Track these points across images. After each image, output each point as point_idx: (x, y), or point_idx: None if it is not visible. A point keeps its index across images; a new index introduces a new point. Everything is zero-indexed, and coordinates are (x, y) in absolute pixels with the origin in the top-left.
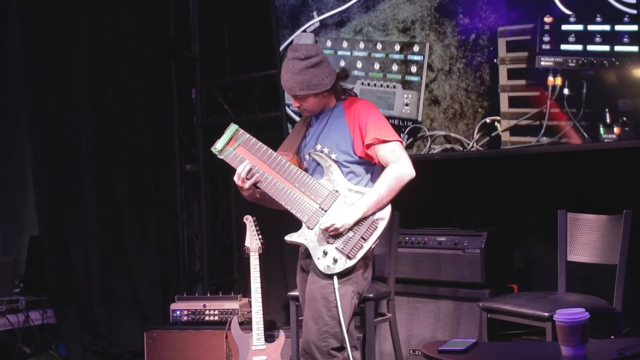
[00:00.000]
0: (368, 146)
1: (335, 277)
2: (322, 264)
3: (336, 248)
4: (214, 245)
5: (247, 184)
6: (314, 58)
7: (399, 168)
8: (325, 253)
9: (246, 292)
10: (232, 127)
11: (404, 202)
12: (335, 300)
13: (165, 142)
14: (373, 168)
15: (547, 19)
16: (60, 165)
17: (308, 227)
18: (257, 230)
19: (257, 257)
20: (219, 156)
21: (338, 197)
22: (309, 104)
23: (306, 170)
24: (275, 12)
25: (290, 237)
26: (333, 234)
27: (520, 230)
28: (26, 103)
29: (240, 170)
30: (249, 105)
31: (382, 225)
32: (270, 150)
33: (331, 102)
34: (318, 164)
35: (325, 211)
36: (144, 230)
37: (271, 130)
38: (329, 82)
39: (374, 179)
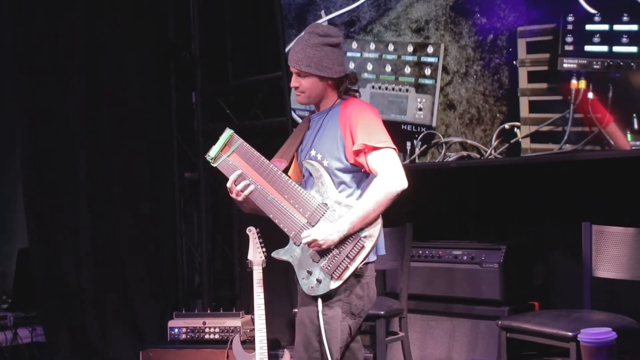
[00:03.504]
0: (357, 153)
1: (319, 300)
2: (306, 285)
3: (321, 268)
4: (215, 258)
5: (238, 196)
6: (333, 39)
7: (387, 179)
8: (309, 273)
9: (249, 309)
10: (227, 133)
11: (417, 213)
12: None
13: (163, 148)
14: (368, 179)
15: (570, 19)
16: (52, 173)
17: (295, 244)
18: (260, 243)
19: (261, 271)
20: (212, 164)
21: (326, 211)
22: (308, 86)
23: (303, 177)
24: (280, 12)
25: (277, 254)
26: (317, 251)
27: (541, 244)
28: (19, 105)
29: (230, 181)
30: (252, 110)
31: (369, 244)
32: (263, 158)
33: (330, 100)
34: (310, 173)
35: (313, 226)
36: (140, 241)
37: (276, 137)
38: (338, 72)
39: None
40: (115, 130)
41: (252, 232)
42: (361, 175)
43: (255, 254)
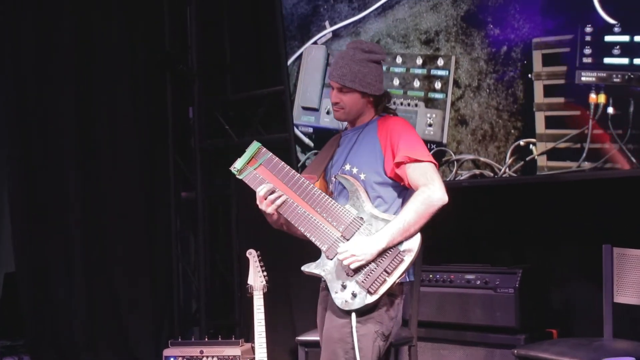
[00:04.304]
0: (398, 165)
1: (353, 314)
2: (340, 298)
3: (356, 281)
4: (213, 282)
5: (268, 207)
6: (378, 55)
7: (429, 192)
8: (343, 287)
9: (249, 337)
10: (254, 145)
11: (428, 234)
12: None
13: (159, 166)
14: (405, 194)
15: (588, 29)
16: (41, 193)
17: (327, 257)
18: (261, 266)
19: (262, 296)
20: (237, 176)
21: (362, 224)
22: (349, 102)
23: (331, 194)
24: (282, 22)
25: (308, 268)
26: (353, 266)
27: (559, 268)
28: (5, 123)
29: (261, 192)
30: (252, 126)
31: (408, 258)
32: (293, 171)
33: (367, 117)
34: (344, 187)
35: (347, 240)
36: (134, 265)
37: (277, 153)
38: (380, 89)
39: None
40: (108, 148)
41: (252, 255)
42: (400, 190)
43: (256, 279)
